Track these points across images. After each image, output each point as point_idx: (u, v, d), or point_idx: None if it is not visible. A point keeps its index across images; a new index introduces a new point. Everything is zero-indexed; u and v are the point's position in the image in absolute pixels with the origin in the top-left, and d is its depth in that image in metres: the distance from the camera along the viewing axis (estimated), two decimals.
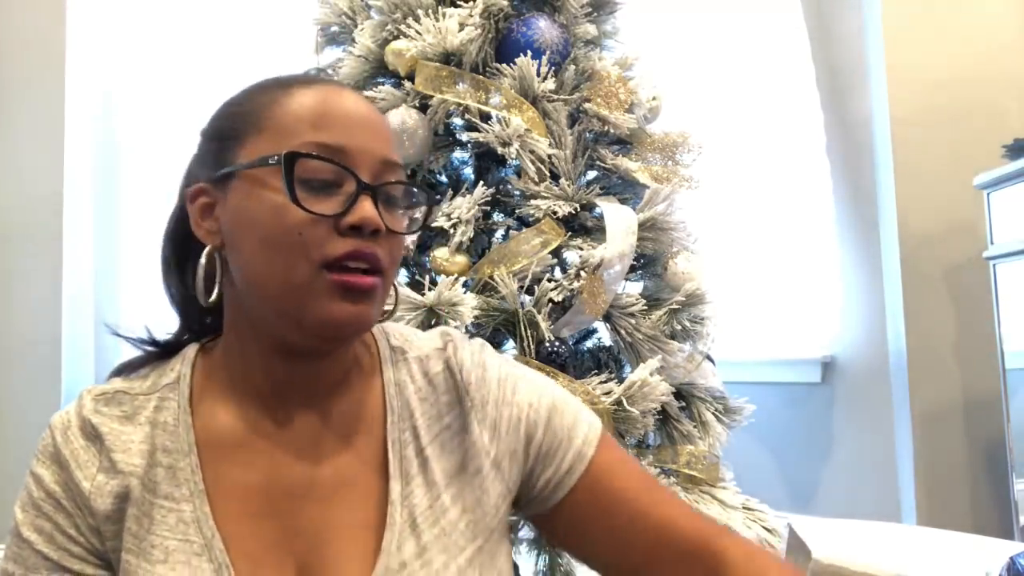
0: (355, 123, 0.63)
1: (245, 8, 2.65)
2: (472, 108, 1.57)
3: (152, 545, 0.61)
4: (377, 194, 0.62)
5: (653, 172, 1.67)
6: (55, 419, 0.68)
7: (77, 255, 2.53)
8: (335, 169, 0.61)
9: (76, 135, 2.53)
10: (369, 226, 0.60)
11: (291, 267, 0.60)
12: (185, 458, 0.64)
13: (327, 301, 0.59)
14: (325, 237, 0.59)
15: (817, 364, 2.57)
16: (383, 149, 0.63)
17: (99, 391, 0.68)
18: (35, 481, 0.66)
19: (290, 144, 0.61)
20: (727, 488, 1.68)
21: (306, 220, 0.59)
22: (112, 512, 0.63)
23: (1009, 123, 2.17)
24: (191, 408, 0.66)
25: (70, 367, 2.47)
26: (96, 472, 0.64)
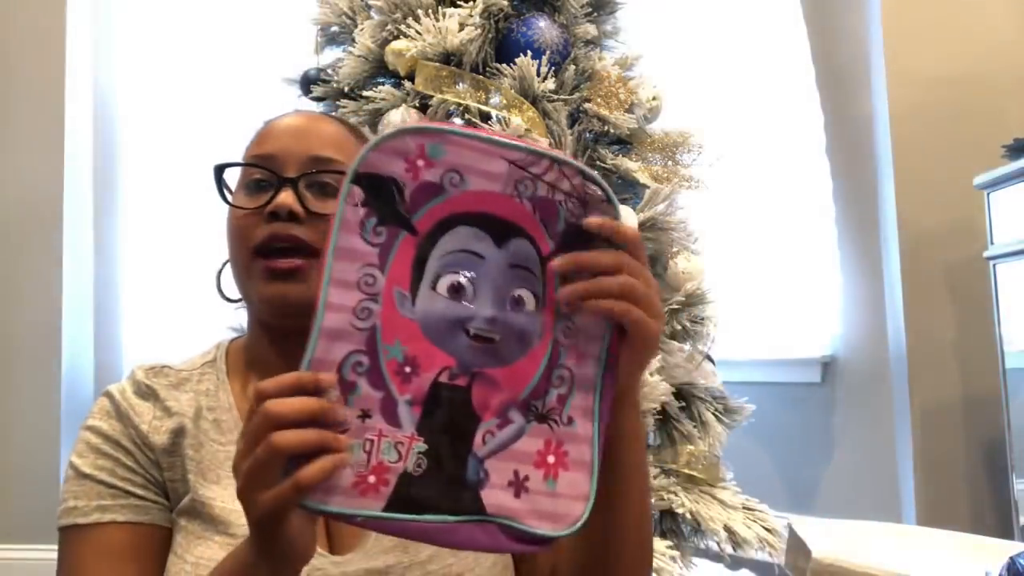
0: (285, 134, 0.76)
1: (245, 8, 2.65)
2: (472, 108, 1.57)
3: (207, 469, 0.71)
4: (298, 185, 0.72)
5: (653, 172, 1.67)
6: (110, 387, 0.76)
7: (77, 255, 2.53)
8: (263, 172, 0.73)
9: (76, 135, 2.53)
10: (282, 210, 0.70)
11: (237, 256, 0.74)
12: (227, 412, 0.75)
13: (259, 283, 0.72)
14: (255, 227, 0.71)
15: (817, 364, 2.57)
16: (311, 149, 0.74)
17: (148, 366, 0.78)
18: (93, 432, 0.73)
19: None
20: (727, 488, 1.68)
21: (241, 215, 0.73)
22: (169, 445, 0.72)
23: (1009, 123, 2.17)
24: (228, 379, 0.77)
25: (70, 366, 2.47)
26: (152, 418, 0.73)
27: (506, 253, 0.53)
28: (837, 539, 1.35)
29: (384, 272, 0.52)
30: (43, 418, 2.39)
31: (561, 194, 0.53)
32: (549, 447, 0.53)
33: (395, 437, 0.50)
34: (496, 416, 0.52)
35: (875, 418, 2.43)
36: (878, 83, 2.39)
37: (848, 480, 2.49)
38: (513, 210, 0.53)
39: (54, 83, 2.46)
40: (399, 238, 0.52)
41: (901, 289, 2.28)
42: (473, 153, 0.52)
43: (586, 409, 0.54)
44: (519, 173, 0.53)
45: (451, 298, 0.52)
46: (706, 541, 1.62)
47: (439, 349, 0.52)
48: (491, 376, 0.53)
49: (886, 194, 2.36)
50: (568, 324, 0.54)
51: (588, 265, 0.53)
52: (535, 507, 0.52)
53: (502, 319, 0.53)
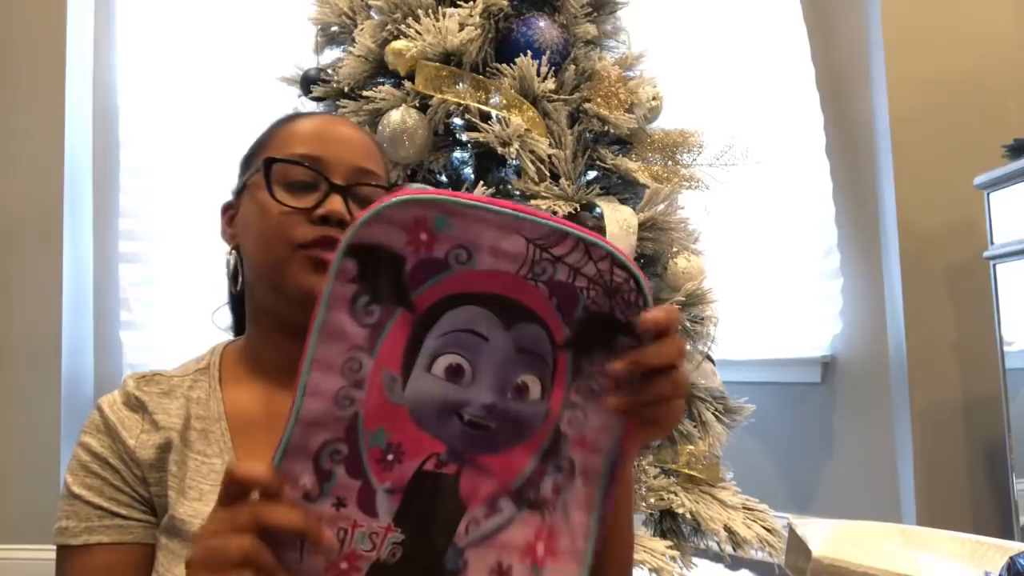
0: (334, 139, 0.77)
1: (245, 8, 2.65)
2: (472, 108, 1.57)
3: (188, 487, 0.72)
4: (347, 194, 0.74)
5: (653, 172, 1.67)
6: (101, 400, 0.78)
7: (77, 256, 2.53)
8: (311, 173, 0.74)
9: (76, 135, 2.53)
10: (335, 216, 0.72)
11: (273, 248, 0.74)
12: (216, 423, 0.75)
13: (300, 273, 0.72)
14: (298, 225, 0.73)
15: (817, 364, 2.57)
16: (358, 160, 0.77)
17: (139, 375, 0.79)
18: (83, 449, 0.75)
19: (278, 156, 0.76)
20: (727, 488, 1.68)
21: (283, 211, 0.73)
22: (155, 460, 0.73)
23: (1009, 123, 2.17)
24: (220, 387, 0.78)
25: (70, 367, 2.46)
26: (140, 432, 0.74)
27: (513, 336, 0.49)
28: (837, 539, 1.35)
29: (373, 355, 0.48)
30: (43, 419, 2.39)
31: (584, 279, 0.49)
32: (540, 536, 0.50)
33: (370, 527, 0.48)
34: (484, 505, 0.49)
35: (875, 418, 2.43)
36: (878, 84, 2.39)
37: (848, 480, 2.49)
38: (527, 294, 0.49)
39: (54, 83, 2.46)
40: (393, 317, 0.48)
41: (901, 289, 2.28)
42: (486, 228, 0.47)
43: (587, 500, 0.50)
44: (538, 253, 0.48)
45: (447, 380, 0.49)
46: (706, 541, 1.62)
47: (428, 435, 0.49)
48: (482, 463, 0.49)
49: (886, 194, 2.36)
50: (577, 414, 0.50)
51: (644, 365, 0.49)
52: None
53: (501, 406, 0.49)
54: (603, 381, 0.50)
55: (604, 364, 0.50)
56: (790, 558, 1.41)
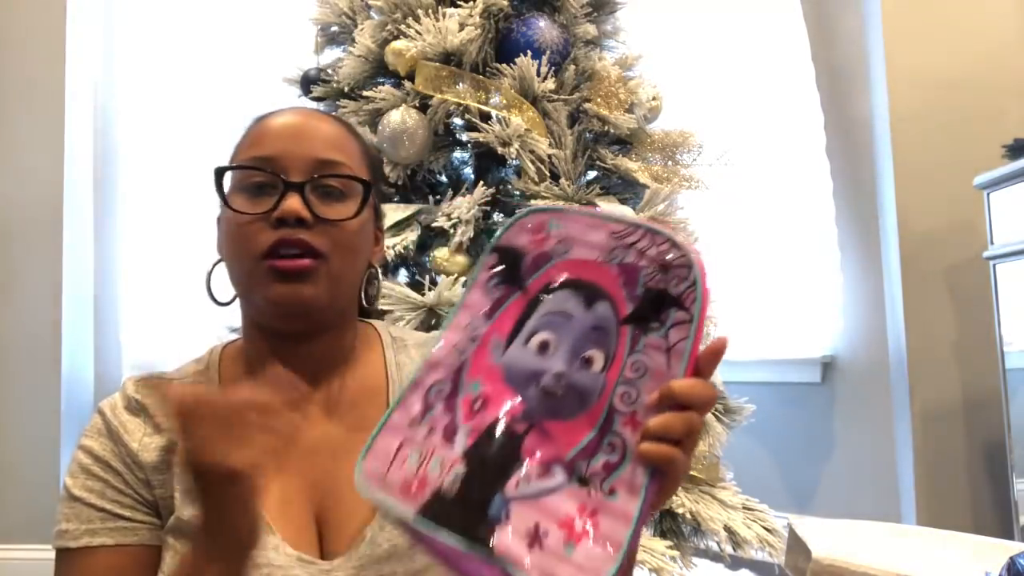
0: (287, 135, 0.74)
1: (245, 8, 2.65)
2: (472, 108, 1.57)
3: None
4: (304, 189, 0.71)
5: (653, 172, 1.67)
6: (103, 403, 0.77)
7: (77, 255, 2.53)
8: (266, 175, 0.72)
9: (76, 135, 2.53)
10: (290, 216, 0.70)
11: (240, 260, 0.72)
12: None
13: (266, 284, 0.71)
14: (259, 232, 0.71)
15: (817, 364, 2.57)
16: (318, 152, 0.73)
17: (138, 377, 0.78)
18: (84, 452, 0.74)
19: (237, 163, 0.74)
20: (727, 488, 1.68)
21: (244, 219, 0.71)
22: (159, 463, 0.72)
23: (1009, 123, 2.17)
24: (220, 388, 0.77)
25: (70, 366, 2.46)
26: (142, 436, 0.73)
27: (591, 315, 0.56)
28: (837, 539, 1.35)
29: (490, 321, 0.58)
30: (43, 419, 2.39)
31: (646, 259, 0.55)
32: (583, 512, 0.50)
33: (443, 454, 0.54)
34: (539, 466, 0.53)
35: (875, 418, 2.43)
36: (878, 83, 2.39)
37: (848, 480, 2.49)
38: (603, 275, 0.56)
39: (54, 83, 2.46)
40: (512, 296, 0.58)
41: (901, 289, 2.28)
42: (581, 226, 0.58)
43: (633, 484, 0.50)
44: (616, 242, 0.56)
45: (538, 353, 0.56)
46: (706, 541, 1.62)
47: (513, 395, 0.56)
48: (548, 429, 0.54)
49: (886, 194, 2.36)
50: (628, 390, 0.53)
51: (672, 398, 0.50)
52: (543, 566, 0.49)
53: (567, 375, 0.55)
54: (656, 357, 0.53)
55: (656, 338, 0.54)
56: (790, 558, 1.41)
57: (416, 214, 1.60)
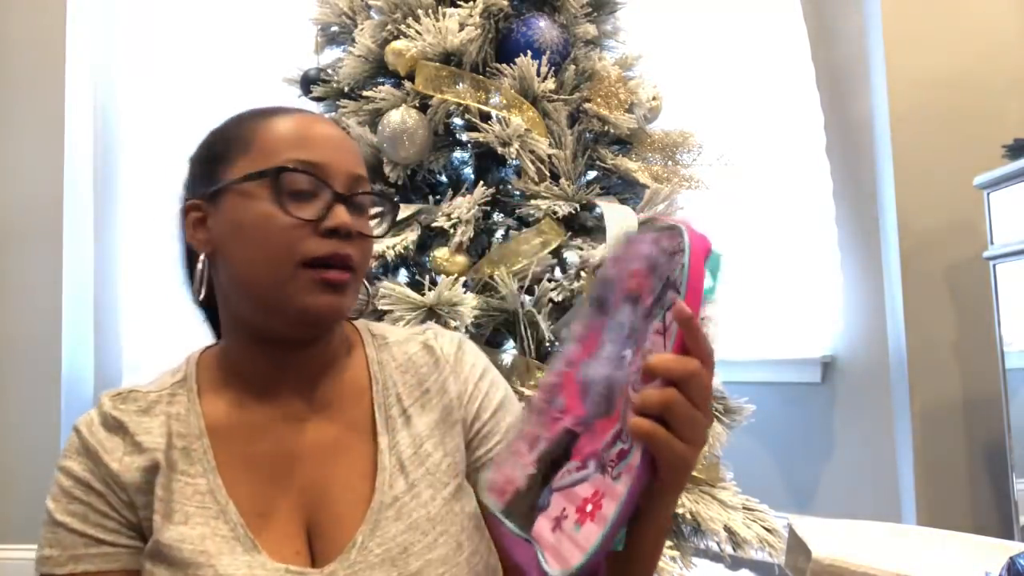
0: (330, 144, 0.73)
1: (245, 8, 2.65)
2: (472, 108, 1.57)
3: (174, 510, 0.70)
4: (349, 203, 0.71)
5: (653, 172, 1.67)
6: (78, 421, 0.75)
7: (77, 255, 2.53)
8: (313, 181, 0.71)
9: (76, 135, 2.53)
10: (345, 229, 0.70)
11: (276, 265, 0.69)
12: (197, 440, 0.73)
13: (307, 294, 0.69)
14: (306, 239, 0.69)
15: (817, 364, 2.57)
16: (353, 166, 0.74)
17: (114, 392, 0.76)
18: (64, 473, 0.72)
19: (275, 161, 0.71)
20: (727, 488, 1.68)
21: (290, 224, 0.69)
22: (142, 483, 0.71)
23: (1009, 123, 2.17)
24: (199, 400, 0.75)
25: (70, 367, 2.47)
26: (122, 455, 0.72)
27: (634, 316, 0.58)
28: (837, 539, 1.35)
29: (582, 344, 0.62)
30: (43, 419, 2.39)
31: (665, 255, 0.56)
32: (594, 496, 0.54)
33: (524, 460, 0.61)
34: (580, 460, 0.57)
35: (875, 418, 2.43)
36: (878, 83, 2.39)
37: (848, 480, 2.49)
38: (643, 277, 0.58)
39: (54, 83, 2.46)
40: (599, 320, 0.62)
41: (901, 289, 2.28)
42: (638, 241, 0.60)
43: (631, 467, 0.53)
44: (654, 248, 0.58)
45: (601, 363, 0.59)
46: (706, 541, 1.62)
47: (580, 403, 0.60)
48: (595, 426, 0.57)
49: (886, 194, 2.36)
50: (637, 379, 0.54)
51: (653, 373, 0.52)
52: (557, 544, 0.54)
53: (611, 375, 0.58)
54: (657, 341, 0.54)
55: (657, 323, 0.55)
56: (790, 558, 1.41)
57: (416, 214, 1.60)
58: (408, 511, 0.71)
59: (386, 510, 0.71)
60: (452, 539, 0.71)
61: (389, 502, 0.71)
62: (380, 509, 0.70)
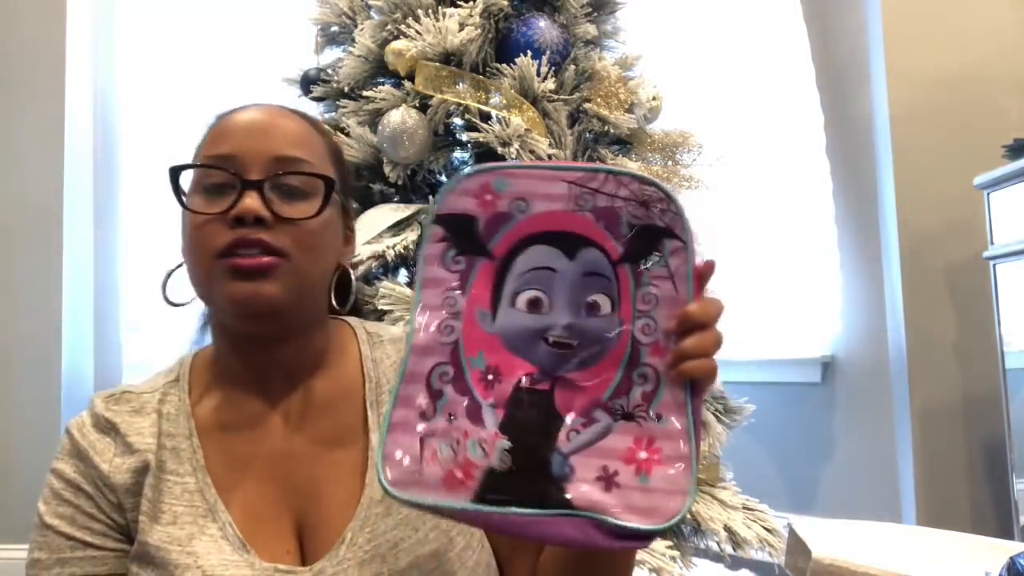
0: (245, 132, 0.72)
1: (245, 8, 2.65)
2: (472, 108, 1.57)
3: (162, 511, 0.69)
4: (264, 188, 0.69)
5: (653, 172, 1.67)
6: (70, 423, 0.75)
7: (77, 256, 2.53)
8: (224, 174, 0.70)
9: (76, 135, 2.53)
10: (247, 215, 0.68)
11: (198, 262, 0.70)
12: (186, 440, 0.72)
13: (225, 284, 0.68)
14: (217, 232, 0.69)
15: (817, 364, 2.57)
16: (277, 149, 0.71)
17: (107, 394, 0.76)
18: (55, 475, 0.72)
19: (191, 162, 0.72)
20: (727, 488, 1.68)
21: (201, 220, 0.70)
22: (131, 485, 0.70)
23: (1009, 123, 2.17)
24: (190, 400, 0.75)
25: (70, 367, 2.46)
26: (113, 456, 0.72)
27: (578, 264, 0.56)
28: (837, 539, 1.35)
29: (465, 294, 0.57)
30: (43, 419, 2.39)
31: (620, 200, 0.56)
32: (640, 444, 0.54)
33: (479, 436, 0.55)
34: (580, 416, 0.55)
35: (875, 418, 2.43)
36: (878, 83, 2.39)
37: (848, 480, 2.49)
38: (578, 223, 0.57)
39: (54, 83, 2.46)
40: (477, 265, 0.57)
41: (901, 289, 2.28)
42: (534, 180, 0.57)
43: (677, 404, 0.54)
44: (578, 190, 0.57)
45: (530, 311, 0.57)
46: (706, 541, 1.62)
47: (520, 358, 0.56)
48: (572, 379, 0.56)
49: (886, 194, 2.36)
50: (647, 322, 0.56)
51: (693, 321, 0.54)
52: (627, 501, 0.53)
53: (579, 324, 0.56)
54: (664, 286, 0.56)
55: (660, 269, 0.56)
56: (790, 558, 1.41)
57: (416, 214, 1.60)
58: (398, 507, 0.70)
59: (376, 506, 0.70)
60: (443, 534, 0.71)
61: (379, 498, 0.70)
62: (370, 505, 0.70)
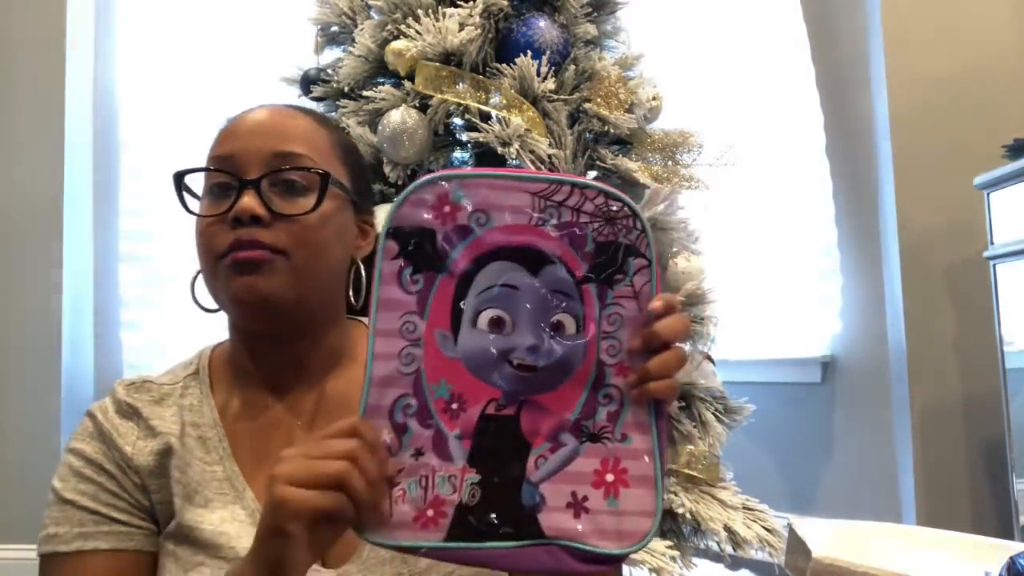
0: (244, 132, 0.72)
1: (245, 8, 2.65)
2: (472, 108, 1.57)
3: (195, 491, 0.70)
4: (261, 186, 0.69)
5: (653, 172, 1.67)
6: (92, 407, 0.75)
7: (77, 255, 2.53)
8: (223, 175, 0.71)
9: (76, 135, 2.53)
10: (244, 215, 0.68)
11: (205, 263, 0.72)
12: (211, 429, 0.73)
13: (227, 281, 0.69)
14: (219, 233, 0.70)
15: (817, 364, 2.57)
16: (274, 145, 0.71)
17: (128, 382, 0.76)
18: (75, 455, 0.71)
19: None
20: (727, 488, 1.68)
21: (205, 223, 0.71)
22: (155, 467, 0.70)
23: (1009, 123, 2.17)
24: (212, 393, 0.75)
25: (70, 367, 2.46)
26: (136, 439, 0.72)
27: (541, 281, 0.54)
28: (837, 539, 1.35)
29: (424, 317, 0.54)
30: (43, 418, 2.39)
31: (586, 216, 0.54)
32: (607, 465, 0.53)
33: (447, 471, 0.53)
34: (547, 440, 0.54)
35: (875, 418, 2.43)
36: (878, 83, 2.39)
37: (848, 480, 2.49)
38: (541, 238, 0.54)
39: (54, 83, 2.46)
40: (436, 282, 0.54)
41: (901, 289, 2.28)
42: (494, 191, 0.54)
43: (641, 424, 0.54)
44: (542, 203, 0.54)
45: (491, 331, 0.54)
46: (706, 541, 1.62)
47: (484, 383, 0.54)
48: (538, 402, 0.54)
49: (886, 194, 2.36)
50: (612, 343, 0.54)
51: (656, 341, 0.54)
52: (597, 526, 0.53)
53: (543, 346, 0.54)
54: (629, 305, 0.54)
55: (624, 288, 0.55)
56: (790, 558, 1.41)
57: None
58: None
59: None
60: None
61: None
62: None
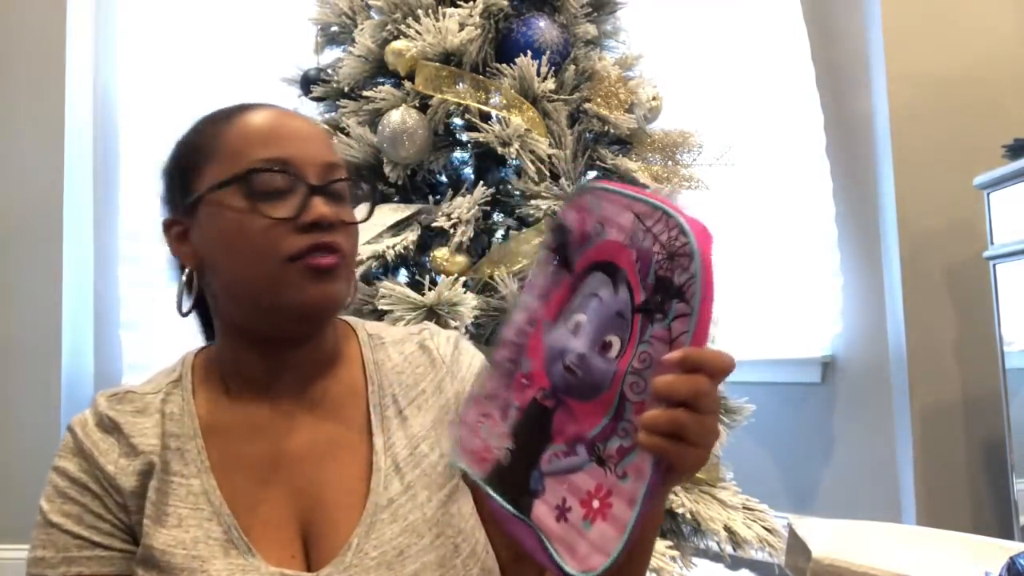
0: (297, 136, 0.72)
1: (245, 8, 2.65)
2: (472, 108, 1.57)
3: (166, 513, 0.69)
4: (325, 193, 0.70)
5: (653, 172, 1.67)
6: (73, 420, 0.74)
7: (77, 255, 2.53)
8: (285, 177, 0.69)
9: (76, 135, 2.53)
10: (326, 221, 0.69)
11: (264, 268, 0.68)
12: (191, 441, 0.72)
13: (299, 286, 0.68)
14: (286, 237, 0.68)
15: (817, 364, 2.57)
16: (325, 154, 0.72)
17: (110, 392, 0.75)
18: (59, 474, 0.71)
19: (243, 164, 0.70)
20: (727, 488, 1.68)
21: (267, 224, 0.68)
22: (137, 488, 0.70)
23: (1009, 123, 2.17)
24: (194, 400, 0.75)
25: (70, 367, 2.46)
26: (118, 457, 0.71)
27: (617, 300, 0.56)
28: (837, 539, 1.35)
29: (545, 302, 0.61)
30: (43, 419, 2.39)
31: (659, 246, 0.54)
32: (599, 491, 0.54)
33: (499, 429, 0.60)
34: (565, 444, 0.57)
35: (875, 418, 2.43)
36: (878, 83, 2.39)
37: (848, 480, 2.49)
38: (625, 259, 0.56)
39: (54, 83, 2.46)
40: (562, 276, 0.60)
41: (901, 289, 2.28)
42: (613, 206, 0.57)
43: (641, 470, 0.53)
44: (638, 225, 0.55)
45: (572, 332, 0.58)
46: (706, 541, 1.62)
47: (545, 373, 0.59)
48: (571, 407, 0.57)
49: (886, 194, 2.36)
50: (636, 380, 0.54)
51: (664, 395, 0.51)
52: (567, 538, 0.54)
53: (588, 358, 0.56)
54: (660, 349, 0.52)
55: (660, 329, 0.53)
56: (790, 558, 1.41)
57: (416, 214, 1.60)
58: (404, 513, 0.70)
59: (381, 512, 0.70)
60: (449, 541, 0.71)
61: (384, 504, 0.70)
62: (375, 511, 0.70)
